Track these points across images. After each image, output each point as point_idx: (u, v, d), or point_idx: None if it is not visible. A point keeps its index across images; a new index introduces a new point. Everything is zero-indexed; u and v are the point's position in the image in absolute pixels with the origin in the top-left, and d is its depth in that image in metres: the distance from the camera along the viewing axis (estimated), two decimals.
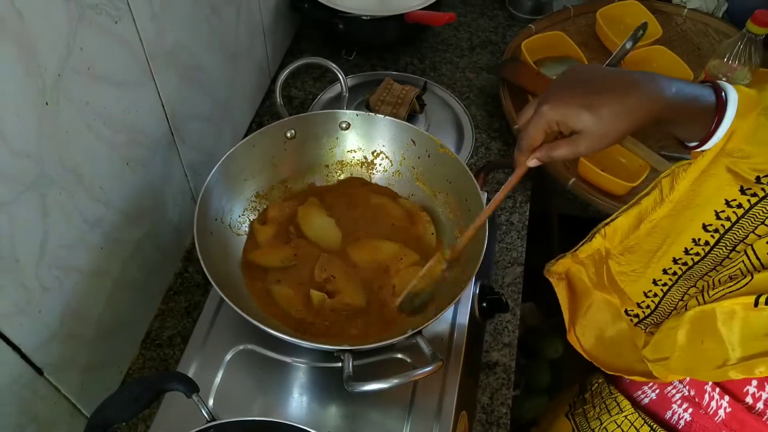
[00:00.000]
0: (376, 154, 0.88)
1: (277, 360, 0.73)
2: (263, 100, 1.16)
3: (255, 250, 0.80)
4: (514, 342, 0.89)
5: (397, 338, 0.66)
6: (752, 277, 0.52)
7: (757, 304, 0.49)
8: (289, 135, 0.84)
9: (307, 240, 0.81)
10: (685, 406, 0.59)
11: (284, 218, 0.83)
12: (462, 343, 0.76)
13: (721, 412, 0.54)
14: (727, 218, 0.59)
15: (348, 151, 0.88)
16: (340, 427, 0.70)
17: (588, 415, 0.78)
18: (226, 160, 0.78)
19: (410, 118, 1.07)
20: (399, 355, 0.74)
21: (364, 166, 0.89)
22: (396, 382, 0.63)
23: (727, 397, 0.53)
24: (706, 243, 0.61)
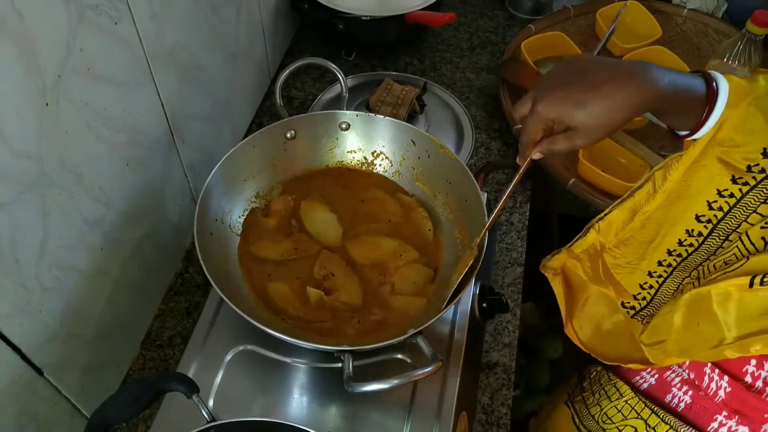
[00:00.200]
0: (376, 155, 0.88)
1: (277, 360, 0.73)
2: (263, 100, 1.16)
3: (256, 242, 0.80)
4: (514, 342, 0.89)
5: (397, 338, 0.66)
6: (747, 260, 0.53)
7: (752, 285, 0.50)
8: (289, 135, 0.84)
9: (309, 235, 0.81)
10: (684, 389, 0.60)
11: (287, 211, 0.83)
12: (462, 343, 0.76)
13: (721, 393, 0.55)
14: (720, 208, 0.60)
15: (348, 152, 0.88)
16: (340, 427, 0.70)
17: (587, 402, 0.78)
18: (226, 160, 0.78)
19: (410, 118, 1.07)
20: (399, 356, 0.74)
21: (364, 167, 0.89)
22: (396, 382, 0.63)
23: (727, 378, 0.54)
24: (699, 234, 0.62)
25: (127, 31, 0.68)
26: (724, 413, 0.54)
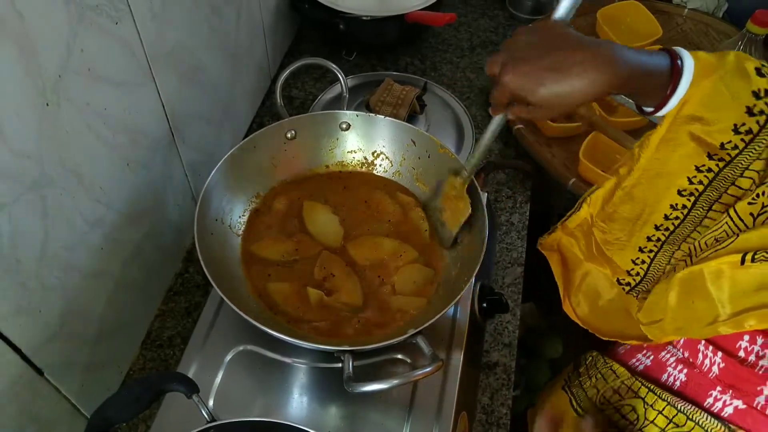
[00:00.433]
0: (376, 155, 0.88)
1: (277, 360, 0.73)
2: (263, 100, 1.16)
3: (256, 243, 0.80)
4: (514, 342, 0.89)
5: (397, 338, 0.66)
6: (737, 237, 0.53)
7: (743, 262, 0.50)
8: (289, 135, 0.84)
9: (309, 235, 0.81)
10: (680, 367, 0.61)
11: (287, 211, 0.83)
12: (462, 343, 0.76)
13: (715, 369, 0.55)
14: (700, 182, 0.61)
15: (348, 152, 0.88)
16: (340, 427, 0.70)
17: (584, 386, 0.79)
18: (227, 160, 0.78)
19: (410, 118, 1.07)
20: (399, 356, 0.74)
21: (365, 167, 0.89)
22: (396, 382, 0.63)
23: (720, 353, 0.54)
24: (684, 207, 0.63)
25: (128, 31, 0.68)
26: (719, 388, 0.55)
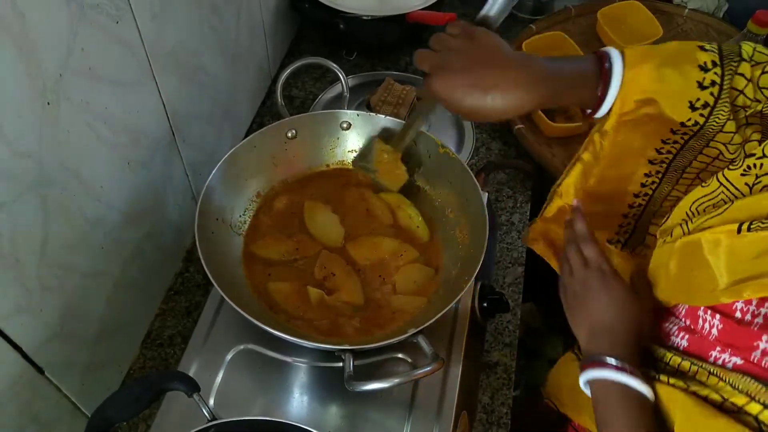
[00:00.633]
0: None
1: (278, 359, 0.73)
2: (264, 100, 1.16)
3: (257, 242, 0.80)
4: (515, 342, 0.89)
5: (397, 338, 0.66)
6: (732, 203, 0.54)
7: (740, 231, 0.51)
8: (289, 135, 0.84)
9: (310, 235, 0.81)
10: (682, 335, 0.62)
11: (288, 211, 0.83)
12: (462, 343, 0.76)
13: (714, 331, 0.56)
14: (668, 152, 0.66)
15: (349, 151, 0.88)
16: (340, 426, 0.70)
17: None
18: (227, 160, 0.78)
19: None
20: (399, 355, 0.74)
21: None
22: (396, 381, 0.63)
23: (718, 315, 0.55)
24: (658, 172, 0.69)
25: (128, 31, 0.68)
26: (718, 348, 0.56)
